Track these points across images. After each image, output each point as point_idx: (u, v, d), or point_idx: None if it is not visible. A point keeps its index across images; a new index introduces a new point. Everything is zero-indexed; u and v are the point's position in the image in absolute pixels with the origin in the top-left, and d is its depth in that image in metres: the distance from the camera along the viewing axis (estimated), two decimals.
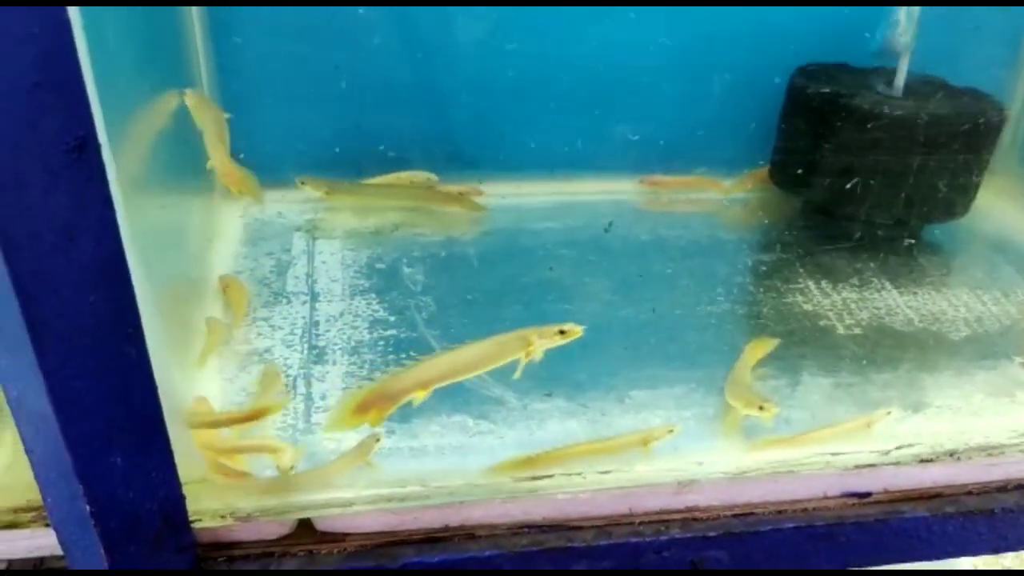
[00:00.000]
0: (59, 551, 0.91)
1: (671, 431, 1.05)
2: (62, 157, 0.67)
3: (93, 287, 0.73)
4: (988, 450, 1.11)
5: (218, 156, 1.36)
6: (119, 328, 0.77)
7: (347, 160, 1.56)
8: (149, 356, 0.81)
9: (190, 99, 1.30)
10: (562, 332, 1.04)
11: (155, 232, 1.06)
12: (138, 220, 0.91)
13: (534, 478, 1.02)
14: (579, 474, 1.02)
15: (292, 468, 1.02)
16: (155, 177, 1.09)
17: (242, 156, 1.54)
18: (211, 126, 1.33)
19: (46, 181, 0.67)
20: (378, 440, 1.02)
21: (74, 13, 0.65)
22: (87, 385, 0.77)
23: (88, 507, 0.83)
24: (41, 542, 0.94)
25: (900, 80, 1.43)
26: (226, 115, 1.39)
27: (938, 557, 1.12)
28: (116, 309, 0.76)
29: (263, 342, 1.24)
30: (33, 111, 0.65)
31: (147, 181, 1.04)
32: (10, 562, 0.95)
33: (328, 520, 1.00)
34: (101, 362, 0.77)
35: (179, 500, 0.91)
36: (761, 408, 1.08)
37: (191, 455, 0.97)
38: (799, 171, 1.50)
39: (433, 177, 1.56)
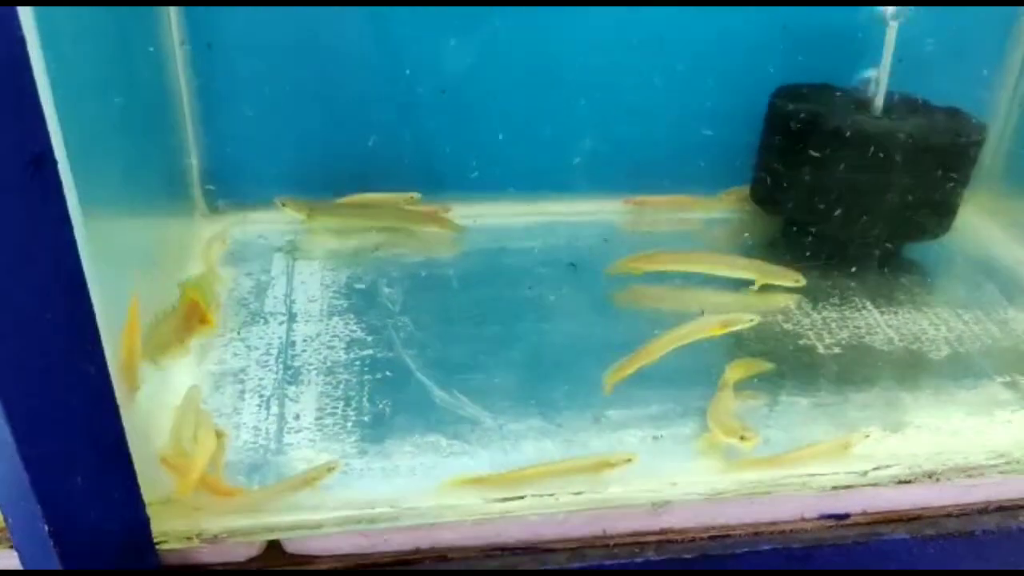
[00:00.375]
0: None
1: (628, 460, 1.04)
2: (17, 173, 0.67)
3: (50, 305, 0.72)
4: (968, 471, 1.10)
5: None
6: (78, 346, 0.76)
7: (327, 180, 1.55)
8: (110, 375, 0.80)
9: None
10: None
11: (124, 251, 1.06)
12: (103, 238, 0.90)
13: (506, 499, 1.01)
14: (551, 495, 1.01)
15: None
16: (125, 196, 1.08)
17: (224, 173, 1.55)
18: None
19: (0, 197, 0.67)
20: (331, 469, 1.01)
21: (29, 22, 0.65)
22: (44, 404, 0.76)
23: (47, 527, 0.81)
24: (5, 563, 0.93)
25: (880, 99, 1.43)
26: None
27: None
28: (75, 327, 0.75)
29: (238, 362, 1.23)
30: None
31: (115, 200, 1.03)
32: None
33: (297, 542, 0.99)
34: (59, 380, 0.76)
35: (143, 521, 0.90)
36: (743, 438, 1.07)
37: (156, 475, 0.96)
38: (779, 190, 1.50)
39: (416, 196, 1.55)
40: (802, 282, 1.40)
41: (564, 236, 1.59)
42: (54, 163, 0.69)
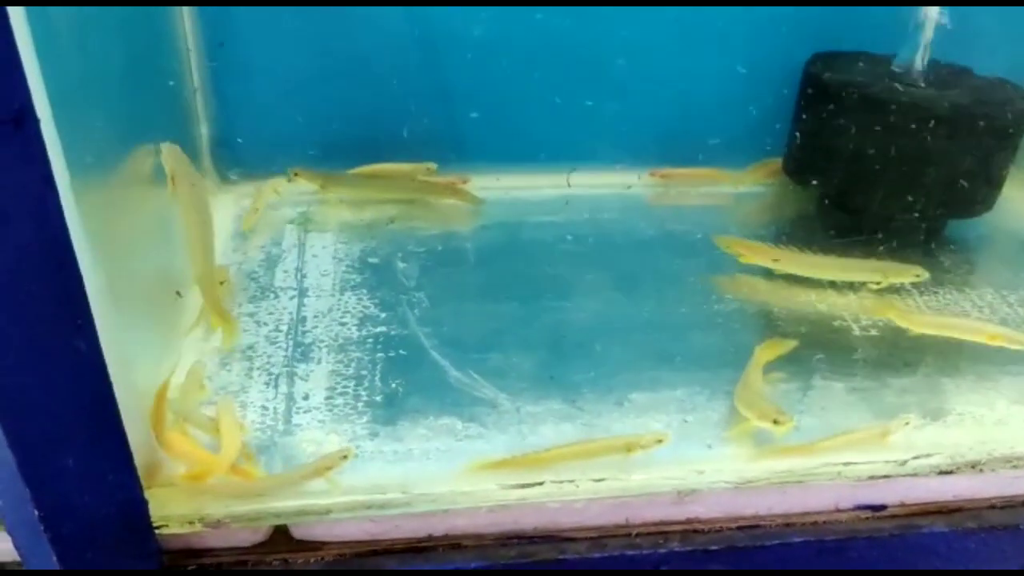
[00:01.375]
0: (18, 556, 0.87)
1: (660, 440, 0.98)
2: None
3: (33, 274, 0.68)
4: (1013, 461, 1.04)
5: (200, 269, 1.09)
6: (66, 320, 0.72)
7: (341, 150, 1.50)
8: (102, 351, 0.75)
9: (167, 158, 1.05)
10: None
11: (124, 222, 1.01)
12: (96, 206, 0.86)
13: (523, 485, 0.96)
14: (571, 482, 0.96)
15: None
16: (125, 163, 1.03)
17: (240, 140, 1.50)
18: (195, 228, 1.08)
19: None
20: (345, 457, 0.96)
21: None
22: (32, 381, 0.72)
23: (37, 511, 0.77)
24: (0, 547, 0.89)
25: (921, 68, 1.35)
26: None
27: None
28: (62, 299, 0.70)
29: (247, 338, 1.18)
30: None
31: (112, 166, 0.98)
32: None
33: (305, 527, 0.95)
34: (46, 357, 0.72)
35: (140, 504, 0.86)
36: (776, 422, 1.01)
37: (155, 457, 0.91)
38: (814, 163, 1.43)
39: (432, 166, 1.50)
40: (924, 276, 1.29)
41: (587, 210, 1.53)
42: (36, 121, 0.64)
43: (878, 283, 1.29)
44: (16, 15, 0.62)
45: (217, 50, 1.42)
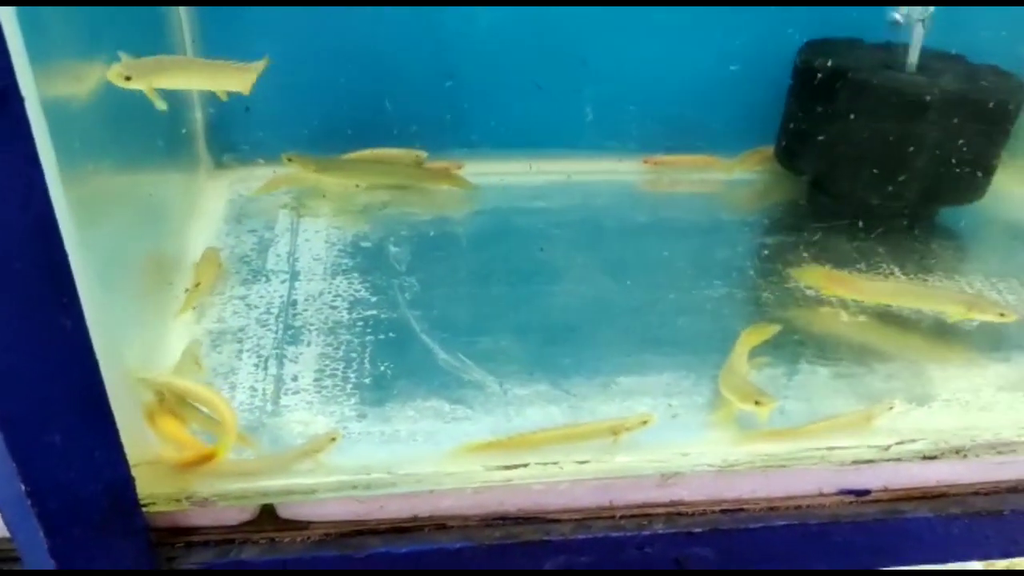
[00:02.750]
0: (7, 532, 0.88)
1: (645, 422, 0.99)
2: None
3: (19, 253, 0.68)
4: (998, 447, 1.04)
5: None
6: (52, 298, 0.72)
7: (335, 135, 1.50)
8: (88, 328, 0.76)
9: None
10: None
11: (115, 203, 1.02)
12: (84, 186, 0.86)
13: (508, 467, 0.96)
14: (555, 463, 0.97)
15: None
16: (115, 146, 1.04)
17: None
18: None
19: None
20: (333, 439, 0.97)
21: None
22: (18, 359, 0.72)
23: (24, 487, 0.78)
24: None
25: (914, 56, 1.35)
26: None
27: (941, 561, 1.06)
28: (48, 277, 0.71)
29: (237, 321, 1.19)
30: None
31: (102, 148, 0.99)
32: None
33: (292, 507, 0.96)
34: (33, 334, 0.72)
35: (127, 481, 0.86)
36: (758, 403, 1.02)
37: (143, 435, 0.92)
38: (805, 150, 1.43)
39: (422, 154, 1.50)
40: (1011, 317, 1.19)
41: (580, 196, 1.53)
42: (20, 99, 0.64)
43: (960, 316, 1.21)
44: None
45: (209, 34, 1.43)
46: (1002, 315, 1.18)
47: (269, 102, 1.48)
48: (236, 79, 1.15)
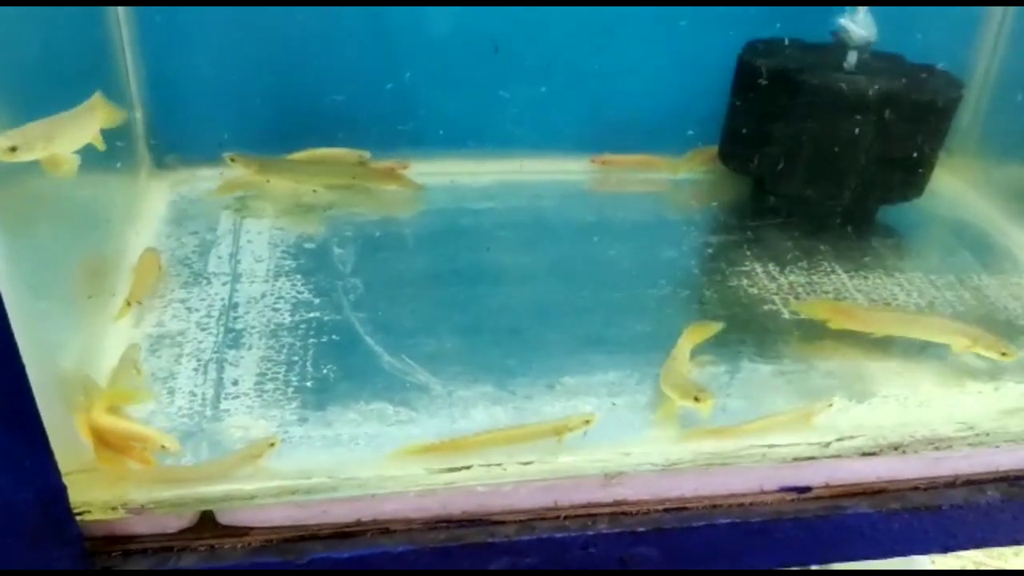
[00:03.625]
0: None
1: (587, 422, 0.99)
2: None
3: None
4: (935, 443, 1.06)
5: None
6: None
7: (278, 135, 1.48)
8: (13, 334, 0.74)
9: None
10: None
11: (45, 203, 0.99)
12: (14, 190, 0.84)
13: (451, 469, 0.96)
14: (499, 465, 0.96)
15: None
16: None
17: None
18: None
19: None
20: (272, 445, 0.95)
21: None
22: None
23: None
24: None
25: (853, 56, 1.37)
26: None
27: (883, 556, 1.07)
28: None
29: (177, 324, 1.17)
30: None
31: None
32: None
33: (231, 513, 0.94)
34: None
35: (59, 490, 0.84)
36: (697, 399, 1.03)
37: (75, 442, 0.90)
38: (747, 150, 1.44)
39: (365, 154, 1.49)
40: (1012, 356, 1.17)
41: (527, 196, 1.53)
42: None
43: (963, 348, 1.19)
44: None
45: (149, 34, 1.40)
46: (1003, 354, 1.17)
47: (212, 102, 1.47)
48: (107, 114, 1.13)
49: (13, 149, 0.89)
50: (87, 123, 1.06)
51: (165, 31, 1.41)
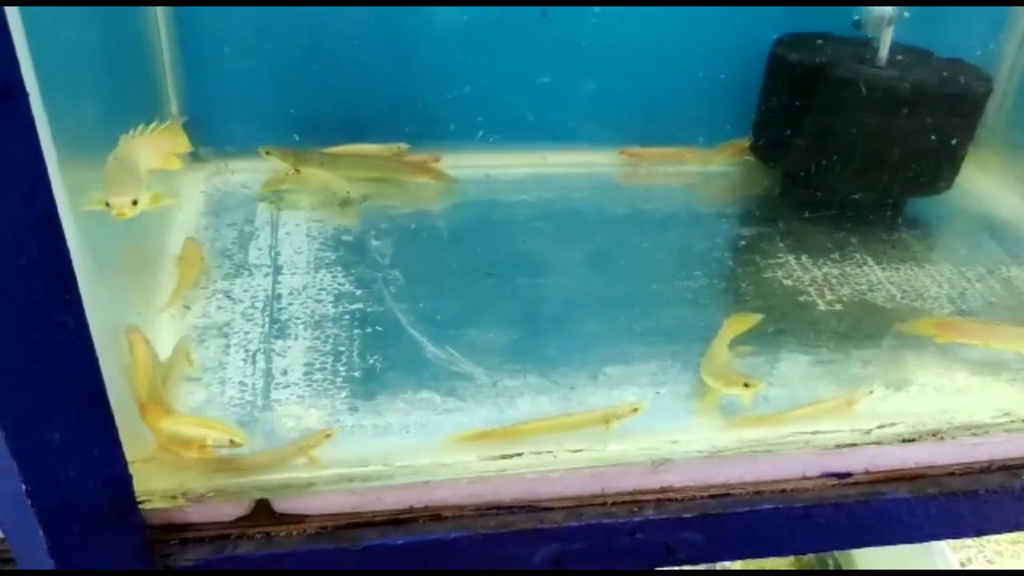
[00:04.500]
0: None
1: (635, 410, 1.01)
2: None
3: (23, 250, 0.68)
4: (972, 429, 1.08)
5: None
6: (54, 295, 0.72)
7: (314, 129, 1.50)
8: (89, 325, 0.76)
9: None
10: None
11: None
12: (79, 182, 0.86)
13: (502, 457, 0.98)
14: (549, 452, 0.98)
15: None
16: (102, 140, 1.03)
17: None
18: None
19: None
20: (328, 436, 0.97)
21: None
22: (19, 355, 0.72)
23: (24, 485, 0.77)
24: None
25: (884, 50, 1.38)
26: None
27: (920, 540, 1.09)
28: (50, 274, 0.71)
29: (222, 315, 1.19)
30: None
31: (91, 142, 0.98)
32: None
33: (287, 501, 0.96)
34: (34, 331, 0.72)
35: (125, 479, 0.86)
36: (746, 385, 1.04)
37: (139, 432, 0.92)
38: (779, 142, 1.46)
39: (404, 147, 1.50)
40: None
41: (557, 188, 1.54)
42: (25, 95, 0.64)
43: None
44: None
45: (187, 28, 1.41)
46: None
47: (247, 95, 1.49)
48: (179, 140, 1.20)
49: (135, 203, 0.96)
50: (166, 147, 1.13)
51: (201, 29, 1.42)
